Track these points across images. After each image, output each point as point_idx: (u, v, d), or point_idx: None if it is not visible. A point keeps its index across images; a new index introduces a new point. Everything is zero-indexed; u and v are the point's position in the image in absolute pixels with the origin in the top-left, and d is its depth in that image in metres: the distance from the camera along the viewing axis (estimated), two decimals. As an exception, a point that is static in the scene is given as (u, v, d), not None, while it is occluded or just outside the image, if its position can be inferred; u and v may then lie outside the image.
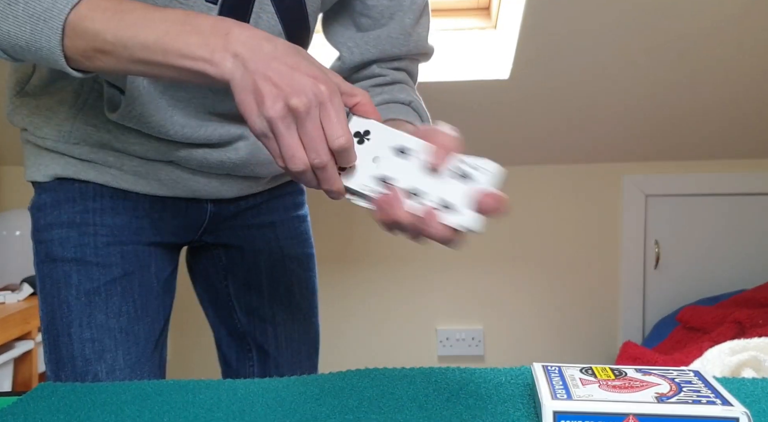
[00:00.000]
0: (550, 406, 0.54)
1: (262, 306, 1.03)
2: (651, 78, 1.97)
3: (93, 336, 0.87)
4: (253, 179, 0.95)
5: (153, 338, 0.92)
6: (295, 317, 1.04)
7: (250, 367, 1.06)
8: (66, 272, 0.88)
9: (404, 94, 0.87)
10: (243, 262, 1.02)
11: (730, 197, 2.30)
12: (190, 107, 0.85)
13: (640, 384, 0.57)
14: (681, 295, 2.31)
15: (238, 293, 1.03)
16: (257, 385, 0.70)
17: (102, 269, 0.88)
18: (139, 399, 0.67)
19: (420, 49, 0.90)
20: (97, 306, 0.88)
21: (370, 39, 0.87)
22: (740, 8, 1.73)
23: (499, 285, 2.37)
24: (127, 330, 0.89)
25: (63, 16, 0.63)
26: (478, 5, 2.06)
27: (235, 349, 1.06)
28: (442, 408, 0.62)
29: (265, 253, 1.01)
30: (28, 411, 0.65)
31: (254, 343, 1.04)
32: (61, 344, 0.88)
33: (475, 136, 2.18)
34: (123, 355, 0.88)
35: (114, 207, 0.90)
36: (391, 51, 0.88)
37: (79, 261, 0.88)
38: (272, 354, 1.04)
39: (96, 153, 0.87)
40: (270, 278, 1.02)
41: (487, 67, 1.99)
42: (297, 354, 1.05)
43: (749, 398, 0.63)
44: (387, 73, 0.89)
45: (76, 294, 0.87)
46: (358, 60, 0.88)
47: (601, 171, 2.33)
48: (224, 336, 1.07)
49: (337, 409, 0.62)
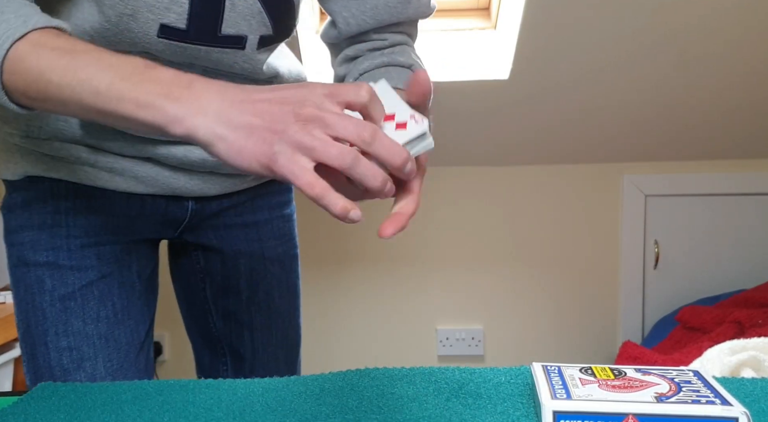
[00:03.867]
0: (549, 406, 0.54)
1: (239, 310, 0.99)
2: (651, 78, 1.97)
3: (70, 344, 0.83)
4: (237, 177, 0.91)
5: (137, 341, 0.89)
6: (274, 321, 1.00)
7: (224, 372, 1.02)
8: (39, 277, 0.83)
9: (404, 56, 0.83)
10: (222, 266, 0.98)
11: (730, 197, 2.30)
12: None
13: (639, 384, 0.57)
14: (680, 295, 2.31)
15: (216, 297, 0.99)
16: (257, 385, 0.70)
17: (77, 272, 0.84)
18: (139, 399, 0.67)
19: (420, 15, 0.85)
20: (73, 312, 0.83)
21: (367, 9, 0.82)
22: (740, 8, 1.73)
23: (499, 285, 2.37)
24: (106, 335, 0.85)
25: (1, 52, 0.58)
26: (478, 5, 2.06)
27: (208, 353, 1.03)
28: (442, 407, 0.62)
29: (245, 256, 0.98)
30: (29, 411, 0.65)
31: (229, 348, 1.01)
32: (38, 354, 0.84)
33: (475, 136, 2.18)
34: (103, 362, 0.85)
35: (88, 206, 0.85)
36: (389, 20, 0.83)
37: (52, 265, 0.83)
38: (248, 358, 1.00)
39: (68, 149, 0.82)
40: (249, 282, 0.98)
41: (487, 67, 1.99)
42: (274, 360, 1.01)
43: (749, 398, 0.63)
44: (386, 38, 0.84)
45: (50, 300, 0.83)
46: (355, 31, 0.83)
47: (601, 171, 2.33)
48: (197, 339, 1.04)
49: (337, 409, 0.62)
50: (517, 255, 2.36)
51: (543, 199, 2.35)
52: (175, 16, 0.72)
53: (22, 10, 0.61)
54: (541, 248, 2.36)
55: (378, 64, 0.82)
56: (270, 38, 0.80)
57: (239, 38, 0.77)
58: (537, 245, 2.36)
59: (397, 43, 0.85)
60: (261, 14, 0.76)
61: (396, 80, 0.79)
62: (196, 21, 0.73)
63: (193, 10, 0.73)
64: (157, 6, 0.71)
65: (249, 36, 0.78)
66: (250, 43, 0.78)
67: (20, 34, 0.58)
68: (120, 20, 0.71)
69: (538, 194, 2.34)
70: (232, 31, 0.76)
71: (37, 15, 0.61)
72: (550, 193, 2.34)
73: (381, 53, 0.84)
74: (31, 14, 0.61)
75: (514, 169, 2.33)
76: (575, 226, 2.35)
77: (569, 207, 2.35)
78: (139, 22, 0.72)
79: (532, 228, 2.36)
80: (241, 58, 0.80)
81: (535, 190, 2.34)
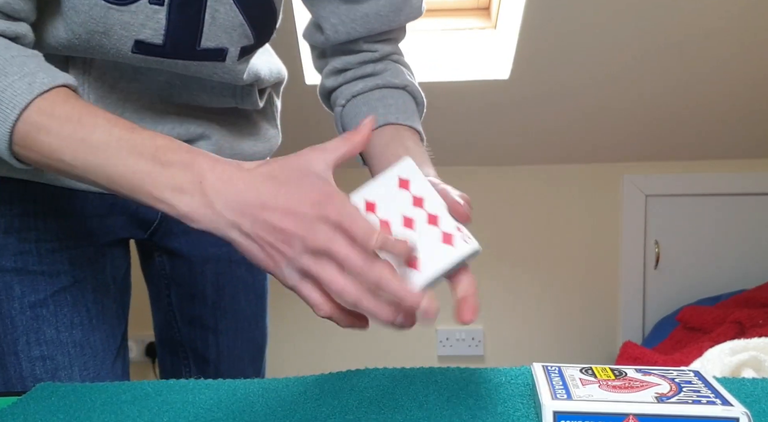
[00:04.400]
0: (550, 406, 0.53)
1: (204, 314, 0.97)
2: (651, 78, 1.97)
3: (43, 353, 0.80)
4: None
5: (113, 346, 0.86)
6: (240, 324, 0.99)
7: (187, 373, 1.00)
8: (7, 283, 0.79)
9: (398, 77, 0.81)
10: (189, 273, 0.95)
11: (730, 197, 2.30)
12: (144, 99, 0.77)
13: (640, 384, 0.57)
14: (681, 295, 2.31)
15: (181, 303, 0.97)
16: (257, 385, 0.70)
17: (48, 278, 0.80)
18: (138, 400, 0.67)
19: (410, 19, 0.82)
20: (45, 319, 0.80)
21: (357, 17, 0.78)
22: (740, 8, 1.73)
23: (499, 285, 2.37)
24: (81, 343, 0.82)
25: (9, 123, 0.57)
26: (478, 5, 2.06)
27: (169, 355, 1.01)
28: (443, 408, 0.62)
29: (213, 261, 0.95)
30: (28, 411, 0.65)
31: (192, 352, 0.99)
32: (8, 364, 0.80)
33: (475, 136, 2.18)
34: (79, 371, 0.82)
35: (58, 208, 0.80)
36: (380, 28, 0.79)
37: (21, 271, 0.79)
38: (212, 361, 0.98)
39: None
40: (215, 287, 0.96)
41: (487, 67, 1.99)
42: (239, 361, 1.00)
43: (749, 398, 0.63)
44: (376, 49, 0.82)
45: (20, 308, 0.79)
46: (344, 39, 0.80)
47: (601, 171, 2.33)
48: (160, 339, 1.02)
49: (337, 409, 0.62)
50: (517, 255, 2.36)
51: (543, 199, 2.35)
52: (150, 32, 0.69)
53: (27, 65, 0.59)
54: (541, 248, 2.36)
55: (371, 87, 0.80)
56: (251, 47, 0.77)
57: (219, 51, 0.74)
58: (537, 245, 2.36)
59: (387, 54, 0.83)
60: (243, 26, 0.74)
61: (393, 107, 0.78)
62: (174, 36, 0.70)
63: (170, 25, 0.69)
64: (132, 23, 0.68)
65: (230, 48, 0.75)
66: (230, 55, 0.75)
67: (26, 102, 0.57)
68: (91, 37, 0.69)
69: (538, 194, 2.34)
70: (212, 45, 0.73)
71: (41, 71, 0.59)
72: (550, 193, 2.34)
73: (373, 69, 0.81)
74: (35, 71, 0.59)
75: (514, 169, 2.33)
76: (575, 226, 2.35)
77: (569, 207, 2.35)
78: (112, 39, 0.69)
79: (532, 228, 2.35)
80: (221, 69, 0.77)
81: (535, 190, 2.34)
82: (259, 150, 0.91)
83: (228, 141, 0.86)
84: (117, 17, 0.67)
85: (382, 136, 0.76)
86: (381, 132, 0.76)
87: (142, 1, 0.67)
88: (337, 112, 0.83)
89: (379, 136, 0.76)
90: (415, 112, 0.81)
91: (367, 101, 0.80)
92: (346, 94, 0.82)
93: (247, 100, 0.86)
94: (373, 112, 0.78)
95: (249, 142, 0.90)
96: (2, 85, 0.57)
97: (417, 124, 0.79)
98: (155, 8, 0.68)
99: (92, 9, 0.66)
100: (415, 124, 0.79)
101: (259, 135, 0.92)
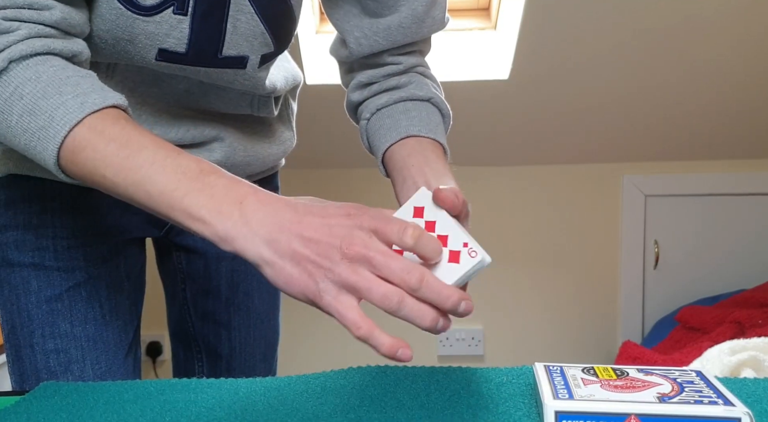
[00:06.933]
0: (551, 406, 0.54)
1: (218, 310, 0.98)
2: (651, 78, 1.97)
3: (57, 346, 0.82)
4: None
5: (125, 342, 0.88)
6: (252, 321, 1.00)
7: (200, 369, 1.02)
8: (24, 278, 0.82)
9: (422, 89, 0.82)
10: (204, 269, 0.97)
11: (730, 197, 2.30)
12: (161, 103, 0.79)
13: (642, 384, 0.57)
14: (680, 295, 2.31)
15: (195, 299, 0.99)
16: (259, 384, 0.70)
17: (64, 274, 0.82)
18: (141, 399, 0.67)
19: (434, 31, 0.83)
20: (60, 313, 0.82)
21: (380, 29, 0.79)
22: (741, 8, 1.73)
23: (499, 285, 2.37)
24: (95, 337, 0.84)
25: (59, 139, 0.59)
26: (478, 5, 2.06)
27: (183, 350, 1.03)
28: (444, 407, 0.62)
29: (228, 258, 0.97)
30: (31, 410, 0.65)
31: (205, 347, 1.01)
32: (23, 356, 0.83)
33: (475, 136, 2.18)
34: (91, 365, 0.83)
35: (75, 206, 0.83)
36: (403, 41, 0.81)
37: (38, 266, 0.82)
38: (225, 356, 1.00)
39: None
40: (229, 283, 0.98)
41: (486, 67, 1.99)
42: (251, 358, 1.01)
43: (750, 398, 0.63)
44: (400, 62, 0.83)
45: (36, 302, 0.82)
46: (367, 52, 0.81)
47: (600, 171, 2.33)
48: (174, 333, 1.03)
49: (338, 408, 0.62)
50: (517, 255, 2.37)
51: (543, 199, 2.35)
52: (174, 41, 0.71)
53: (81, 86, 0.61)
54: (541, 248, 2.36)
55: (396, 99, 0.81)
56: (271, 55, 0.79)
57: (240, 59, 0.76)
58: (537, 245, 2.36)
59: (412, 66, 0.84)
60: (263, 35, 0.76)
61: (416, 119, 0.79)
62: (196, 45, 0.72)
63: (193, 34, 0.71)
64: (156, 33, 0.70)
65: (250, 56, 0.76)
66: (251, 62, 0.77)
67: (77, 120, 0.59)
68: (117, 43, 0.70)
69: (538, 194, 2.34)
70: (233, 53, 0.75)
71: (94, 92, 0.61)
72: (550, 193, 2.35)
73: (398, 82, 0.82)
74: (88, 91, 0.61)
75: (514, 169, 2.34)
76: (575, 226, 2.35)
77: (569, 207, 2.35)
78: (136, 47, 0.71)
79: (532, 228, 2.36)
80: (241, 76, 0.79)
81: (535, 190, 2.34)
82: (273, 152, 0.92)
83: (242, 143, 0.87)
84: (142, 27, 0.69)
85: (404, 148, 0.77)
86: (403, 144, 0.77)
87: (166, 11, 0.69)
88: (362, 126, 0.84)
89: (401, 148, 0.77)
90: (440, 124, 0.81)
91: (391, 114, 0.81)
92: (371, 107, 0.83)
93: (263, 110, 0.87)
94: (396, 125, 0.79)
95: (263, 144, 0.91)
96: (56, 103, 0.59)
97: (440, 136, 0.79)
98: (179, 18, 0.70)
99: (119, 18, 0.68)
100: (437, 136, 0.79)
101: (274, 137, 0.92)
